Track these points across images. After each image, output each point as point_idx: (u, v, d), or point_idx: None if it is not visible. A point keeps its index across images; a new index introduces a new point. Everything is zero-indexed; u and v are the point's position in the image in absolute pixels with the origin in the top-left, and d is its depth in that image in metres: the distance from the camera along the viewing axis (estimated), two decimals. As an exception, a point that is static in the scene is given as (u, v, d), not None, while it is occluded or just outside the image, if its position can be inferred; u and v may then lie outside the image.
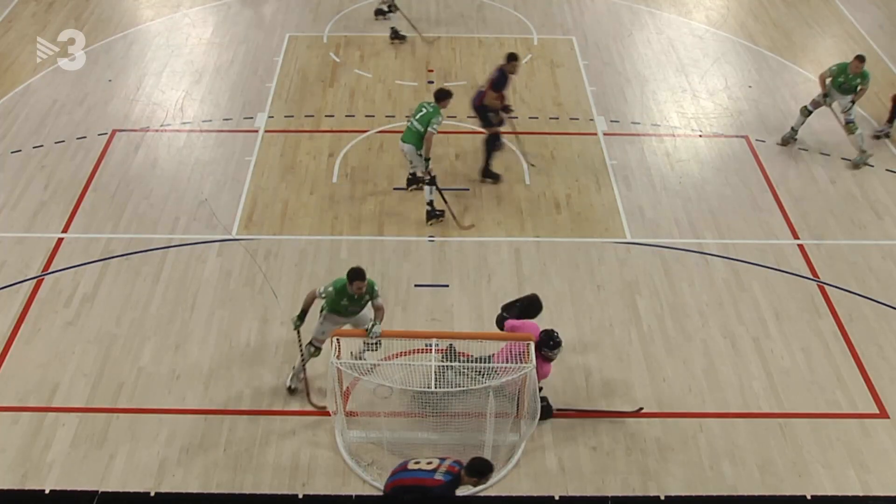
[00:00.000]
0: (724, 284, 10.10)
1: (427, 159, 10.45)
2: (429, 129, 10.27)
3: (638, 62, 14.49)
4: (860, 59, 11.76)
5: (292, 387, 8.62)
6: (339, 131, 12.64)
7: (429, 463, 6.64)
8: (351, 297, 8.00)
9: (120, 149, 12.16)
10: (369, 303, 8.16)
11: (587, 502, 7.74)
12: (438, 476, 6.51)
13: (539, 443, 8.19)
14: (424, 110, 10.43)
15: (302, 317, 8.06)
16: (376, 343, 7.89)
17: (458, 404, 7.72)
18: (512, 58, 10.94)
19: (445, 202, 10.75)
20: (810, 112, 12.27)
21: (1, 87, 13.49)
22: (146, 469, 7.89)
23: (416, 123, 10.45)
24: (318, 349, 8.43)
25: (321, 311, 8.33)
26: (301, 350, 8.39)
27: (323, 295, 8.02)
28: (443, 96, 10.48)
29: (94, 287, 9.85)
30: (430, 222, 10.81)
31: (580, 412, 8.48)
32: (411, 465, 6.69)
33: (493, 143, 11.41)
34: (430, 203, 10.79)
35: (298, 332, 8.21)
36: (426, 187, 10.71)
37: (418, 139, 10.42)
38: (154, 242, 10.52)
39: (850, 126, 12.04)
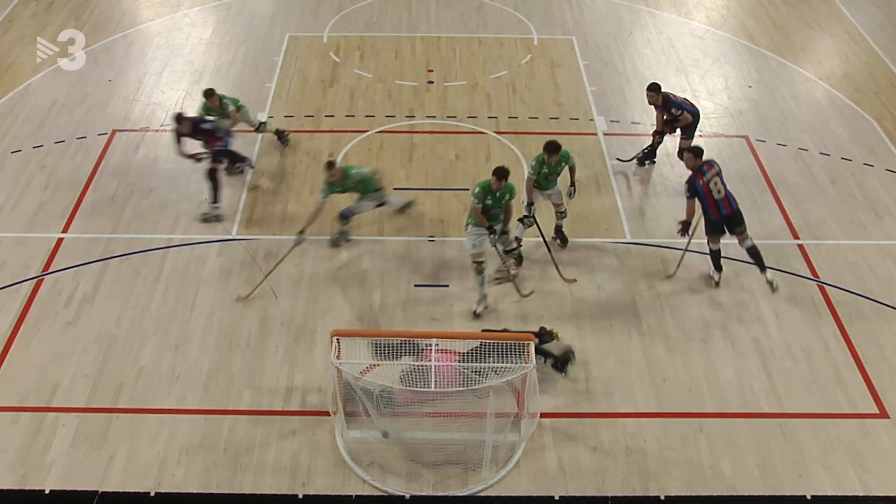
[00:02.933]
0: (724, 284, 10.10)
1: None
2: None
3: (638, 62, 14.49)
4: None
5: (478, 311, 9.52)
6: (339, 131, 12.64)
7: None
8: (494, 194, 9.16)
9: (120, 149, 12.16)
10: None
11: (587, 502, 7.75)
12: None
13: (539, 443, 8.19)
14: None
15: (491, 230, 9.27)
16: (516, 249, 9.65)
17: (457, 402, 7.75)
18: None
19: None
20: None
21: (1, 87, 13.50)
22: (146, 469, 7.89)
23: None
24: (481, 264, 9.38)
25: (465, 228, 9.45)
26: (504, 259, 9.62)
27: (476, 201, 9.18)
28: (552, 148, 9.70)
29: (94, 287, 9.86)
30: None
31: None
32: None
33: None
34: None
35: (496, 246, 9.44)
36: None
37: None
38: (154, 242, 10.52)
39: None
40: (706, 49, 14.93)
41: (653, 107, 11.41)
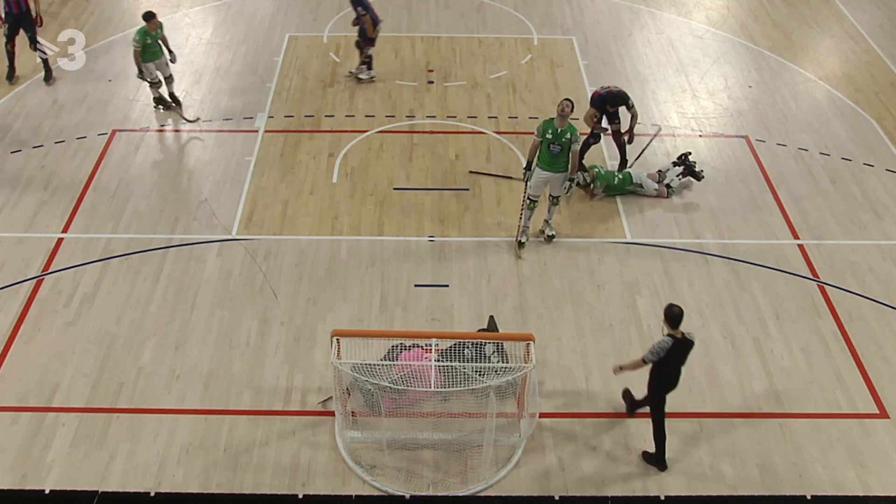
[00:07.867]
0: (724, 284, 10.10)
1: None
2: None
3: (638, 62, 14.49)
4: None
5: (523, 241, 10.43)
6: (339, 131, 12.64)
7: None
8: (555, 130, 9.63)
9: (120, 149, 12.16)
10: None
11: (587, 502, 7.75)
12: None
13: (539, 443, 8.20)
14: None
15: (528, 166, 9.96)
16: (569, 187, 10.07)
17: (458, 403, 7.74)
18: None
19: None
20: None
21: (1, 87, 13.49)
22: (146, 469, 7.90)
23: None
24: (534, 201, 10.22)
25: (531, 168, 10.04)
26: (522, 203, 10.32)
27: (536, 133, 9.76)
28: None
29: (94, 287, 9.86)
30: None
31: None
32: None
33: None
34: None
35: (526, 184, 10.13)
36: None
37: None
38: (154, 242, 10.52)
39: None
40: (706, 49, 14.93)
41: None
